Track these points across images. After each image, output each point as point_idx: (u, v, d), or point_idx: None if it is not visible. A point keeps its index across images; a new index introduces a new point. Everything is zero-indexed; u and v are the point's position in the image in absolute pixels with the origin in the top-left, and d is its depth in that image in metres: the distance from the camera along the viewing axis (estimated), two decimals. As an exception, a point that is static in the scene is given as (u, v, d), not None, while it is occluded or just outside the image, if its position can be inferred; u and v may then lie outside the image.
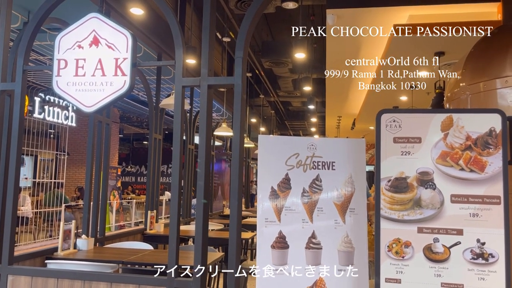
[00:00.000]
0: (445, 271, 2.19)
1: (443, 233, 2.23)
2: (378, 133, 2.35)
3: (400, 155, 2.32)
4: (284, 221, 2.45)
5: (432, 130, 2.31)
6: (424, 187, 2.28)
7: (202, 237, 2.56)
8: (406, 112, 2.44)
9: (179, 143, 2.78)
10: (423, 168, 2.29)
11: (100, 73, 2.95)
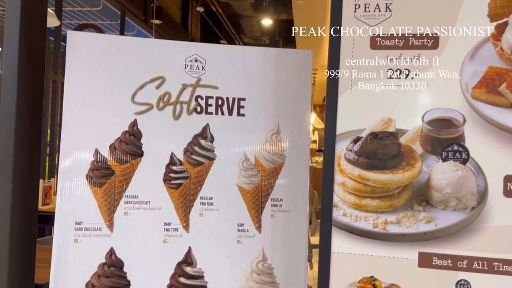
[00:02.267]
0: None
1: (481, 270, 0.91)
2: (334, 19, 0.97)
3: (386, 78, 0.96)
4: (122, 229, 1.10)
5: (464, 17, 0.94)
6: (439, 157, 0.93)
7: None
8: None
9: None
10: (440, 109, 0.93)
11: None
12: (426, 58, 0.94)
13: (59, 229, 1.06)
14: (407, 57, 0.94)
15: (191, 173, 1.13)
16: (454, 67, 0.93)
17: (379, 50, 0.96)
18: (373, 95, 0.96)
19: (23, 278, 1.06)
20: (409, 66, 0.95)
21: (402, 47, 0.95)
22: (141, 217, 1.10)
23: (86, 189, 1.08)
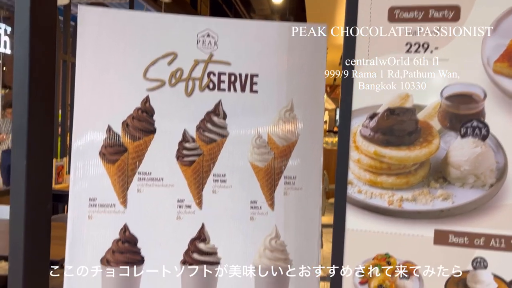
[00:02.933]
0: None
1: (498, 247, 0.89)
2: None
3: (404, 52, 0.93)
4: (135, 205, 1.10)
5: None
6: (457, 133, 0.91)
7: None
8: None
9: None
10: (460, 84, 0.91)
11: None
12: (447, 31, 0.91)
13: (73, 206, 1.07)
14: (427, 30, 0.91)
15: (203, 150, 1.13)
16: (476, 40, 0.90)
17: (397, 22, 0.93)
18: (390, 69, 0.93)
19: (38, 254, 1.08)
20: (429, 39, 0.92)
21: (421, 19, 0.92)
22: (155, 194, 1.10)
23: (100, 166, 1.08)
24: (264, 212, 1.15)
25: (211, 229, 1.12)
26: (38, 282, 1.09)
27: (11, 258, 1.05)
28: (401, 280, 0.93)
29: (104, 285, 1.08)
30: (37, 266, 1.08)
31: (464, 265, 0.90)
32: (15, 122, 1.04)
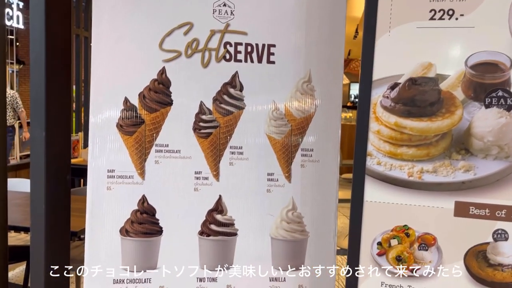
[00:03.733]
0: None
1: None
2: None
3: (428, 20, 0.90)
4: (153, 177, 1.11)
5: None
6: (482, 103, 0.89)
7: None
8: None
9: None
10: (486, 53, 0.88)
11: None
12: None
13: (92, 177, 1.08)
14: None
15: (220, 122, 1.12)
16: (503, 6, 0.87)
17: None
18: (413, 38, 0.91)
19: (59, 225, 1.10)
20: (454, 6, 0.88)
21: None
22: (172, 165, 1.11)
23: (117, 138, 1.08)
24: (281, 184, 1.14)
25: (228, 201, 1.13)
26: (60, 252, 1.11)
27: (33, 229, 1.07)
28: (419, 252, 0.93)
29: (123, 255, 1.10)
30: (58, 236, 1.10)
31: (484, 237, 0.89)
32: (33, 93, 1.04)
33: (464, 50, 0.88)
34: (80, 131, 4.45)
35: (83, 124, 5.27)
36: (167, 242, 1.11)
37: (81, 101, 5.38)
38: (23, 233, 3.40)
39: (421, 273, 0.93)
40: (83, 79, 5.40)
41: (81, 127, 5.02)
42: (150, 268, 1.10)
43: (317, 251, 1.16)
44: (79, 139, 4.11)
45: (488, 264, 0.89)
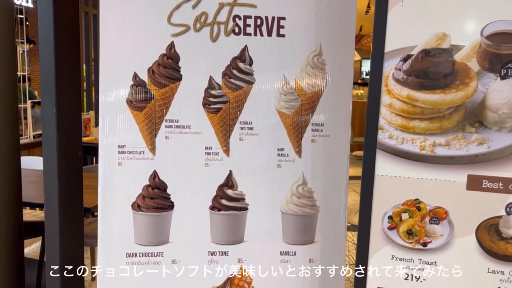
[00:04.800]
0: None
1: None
2: None
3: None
4: (164, 152, 1.11)
5: None
6: (497, 74, 0.87)
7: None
8: None
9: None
10: (503, 22, 0.85)
11: None
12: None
13: (104, 152, 1.09)
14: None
15: (230, 98, 1.11)
16: (522, -27, 0.83)
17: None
18: (427, 8, 0.88)
19: (72, 200, 1.11)
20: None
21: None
22: (182, 141, 1.11)
23: (127, 113, 1.09)
24: (291, 159, 1.14)
25: (238, 176, 1.13)
26: (73, 227, 1.13)
27: (46, 204, 1.09)
28: (430, 226, 0.93)
29: (135, 230, 1.12)
30: (71, 211, 1.12)
31: (497, 211, 0.88)
32: (43, 70, 1.04)
33: (479, 20, 0.86)
34: (91, 109, 4.47)
35: (94, 103, 5.30)
36: (179, 217, 1.12)
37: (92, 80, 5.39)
38: (38, 210, 3.48)
39: (432, 247, 0.93)
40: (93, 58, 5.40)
41: (92, 106, 5.05)
42: (162, 242, 1.12)
43: (328, 226, 1.17)
44: (90, 118, 4.14)
45: (500, 238, 0.88)
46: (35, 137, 4.65)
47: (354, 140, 5.86)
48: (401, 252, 0.95)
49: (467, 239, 0.90)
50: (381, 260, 0.96)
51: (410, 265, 0.94)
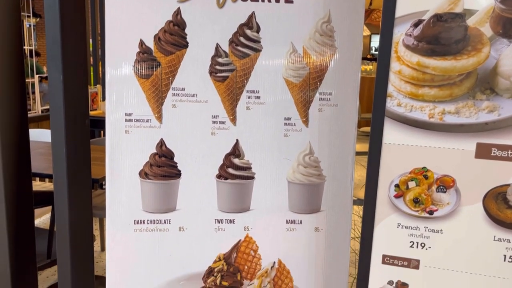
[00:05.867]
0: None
1: (544, 161, 0.86)
2: None
3: (456, -51, 0.84)
4: (171, 121, 1.11)
5: None
6: (510, 40, 0.84)
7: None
8: None
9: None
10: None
11: None
12: None
13: (111, 120, 1.09)
14: None
15: (237, 66, 1.10)
16: None
17: None
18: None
19: (80, 171, 1.12)
20: None
21: None
22: (189, 109, 1.10)
23: (134, 81, 1.08)
24: (298, 128, 1.14)
25: (245, 145, 1.13)
26: (82, 197, 1.14)
27: (55, 170, 1.10)
28: (437, 194, 0.93)
29: (143, 197, 1.13)
30: (80, 178, 1.13)
31: (505, 179, 0.88)
32: (48, 37, 1.03)
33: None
34: (98, 84, 4.47)
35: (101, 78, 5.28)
36: (186, 185, 1.13)
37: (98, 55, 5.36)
38: (48, 182, 3.53)
39: (438, 215, 0.93)
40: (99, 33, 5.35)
41: (99, 80, 5.03)
42: (169, 210, 1.13)
43: (334, 195, 1.17)
44: (97, 92, 4.14)
45: (507, 206, 0.88)
46: (43, 112, 4.67)
47: (362, 116, 5.82)
48: (407, 220, 0.95)
49: (473, 207, 0.90)
50: (387, 228, 0.96)
51: (415, 233, 0.95)
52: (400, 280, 0.97)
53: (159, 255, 1.14)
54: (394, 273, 0.97)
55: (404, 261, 0.96)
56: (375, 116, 0.93)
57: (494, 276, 0.91)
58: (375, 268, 0.98)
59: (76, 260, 1.14)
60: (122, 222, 1.12)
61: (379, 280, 0.98)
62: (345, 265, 1.20)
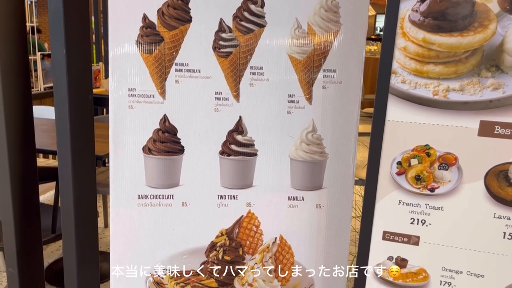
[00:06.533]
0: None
1: (548, 139, 0.86)
2: None
3: None
4: (174, 96, 1.11)
5: None
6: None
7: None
8: None
9: None
10: (528, -41, 0.81)
11: None
12: None
13: (114, 95, 1.09)
14: None
15: (240, 41, 1.09)
16: None
17: None
18: None
19: (84, 147, 1.13)
20: None
21: None
22: (192, 85, 1.10)
23: (137, 56, 1.08)
24: (302, 106, 1.13)
25: (248, 122, 1.13)
26: (86, 174, 1.15)
27: (59, 145, 1.10)
28: (439, 171, 0.93)
29: (146, 173, 1.13)
30: (83, 155, 1.13)
31: (508, 157, 0.88)
32: (51, 10, 1.03)
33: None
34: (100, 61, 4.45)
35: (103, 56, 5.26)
36: (189, 161, 1.14)
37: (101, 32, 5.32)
38: (52, 159, 3.55)
39: (439, 192, 0.93)
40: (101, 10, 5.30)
41: (102, 58, 5.01)
42: (172, 185, 1.14)
43: (336, 173, 1.17)
44: (100, 69, 4.12)
45: (508, 184, 0.89)
46: (45, 90, 4.67)
47: (365, 97, 5.79)
48: (408, 197, 0.95)
49: (475, 185, 0.91)
50: (388, 204, 0.97)
51: (416, 210, 0.95)
52: (400, 256, 0.99)
53: (162, 230, 1.16)
54: (394, 249, 0.99)
55: (404, 238, 0.97)
56: (379, 93, 0.93)
57: (493, 253, 0.92)
58: (375, 244, 0.99)
59: (81, 234, 1.16)
60: (125, 197, 1.13)
61: (379, 255, 1.00)
62: (345, 242, 1.22)
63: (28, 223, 1.30)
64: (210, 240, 1.18)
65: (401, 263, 0.99)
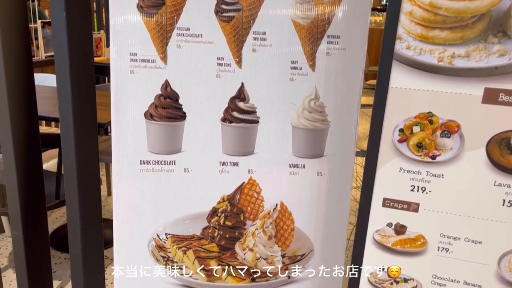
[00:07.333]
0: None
1: (552, 107, 0.85)
2: None
3: None
4: (176, 62, 1.10)
5: None
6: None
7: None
8: None
9: None
10: None
11: None
12: None
13: (115, 60, 1.08)
14: None
15: (243, 5, 1.07)
16: None
17: None
18: None
19: (85, 114, 1.12)
20: None
21: None
22: (194, 50, 1.09)
23: (138, 20, 1.06)
24: (305, 73, 1.12)
25: (250, 89, 1.12)
26: (88, 142, 1.15)
27: (61, 113, 1.10)
28: (441, 139, 0.93)
29: (148, 138, 1.14)
30: (85, 119, 1.13)
31: (511, 124, 0.87)
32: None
33: None
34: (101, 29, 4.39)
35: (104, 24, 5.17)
36: (191, 127, 1.14)
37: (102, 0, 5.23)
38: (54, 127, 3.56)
39: (441, 160, 0.93)
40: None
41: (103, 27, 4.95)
42: (174, 151, 1.15)
43: (337, 141, 1.17)
44: (101, 37, 4.07)
45: (510, 152, 0.88)
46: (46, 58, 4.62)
47: (369, 69, 5.72)
48: (409, 165, 0.96)
49: (476, 152, 0.90)
50: (389, 172, 0.97)
51: (417, 177, 0.96)
52: (399, 222, 1.00)
53: (165, 195, 1.17)
54: (393, 215, 1.00)
55: (404, 204, 0.98)
56: (383, 59, 0.92)
57: (492, 220, 0.93)
58: (375, 211, 1.00)
59: (84, 200, 1.18)
60: (128, 162, 1.14)
61: (378, 221, 1.01)
62: (345, 209, 1.23)
63: (32, 187, 1.31)
64: (211, 206, 1.19)
65: (400, 229, 1.00)
